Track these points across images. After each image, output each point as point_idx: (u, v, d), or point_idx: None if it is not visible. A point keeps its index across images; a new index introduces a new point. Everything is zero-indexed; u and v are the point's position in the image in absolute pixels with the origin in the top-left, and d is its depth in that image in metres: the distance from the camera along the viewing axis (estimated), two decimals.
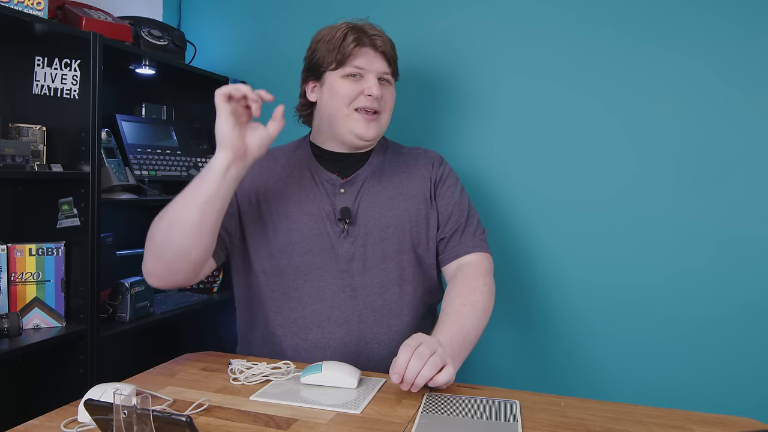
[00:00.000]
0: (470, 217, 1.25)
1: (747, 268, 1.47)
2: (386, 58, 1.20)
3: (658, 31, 1.52)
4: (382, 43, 1.19)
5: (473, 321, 1.08)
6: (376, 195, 1.21)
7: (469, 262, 1.20)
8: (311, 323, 1.15)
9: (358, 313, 1.14)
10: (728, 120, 1.48)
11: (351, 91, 1.17)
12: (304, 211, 1.18)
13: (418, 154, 1.30)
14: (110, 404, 0.62)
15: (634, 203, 1.55)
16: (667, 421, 0.83)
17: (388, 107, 1.22)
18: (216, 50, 1.97)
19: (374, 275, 1.16)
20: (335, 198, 1.19)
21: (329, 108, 1.20)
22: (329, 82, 1.19)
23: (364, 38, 1.18)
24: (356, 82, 1.18)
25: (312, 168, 1.23)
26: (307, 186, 1.21)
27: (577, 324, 1.62)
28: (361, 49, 1.17)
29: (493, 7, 1.66)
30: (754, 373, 1.47)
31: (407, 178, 1.24)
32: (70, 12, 1.46)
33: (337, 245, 1.16)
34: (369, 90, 1.16)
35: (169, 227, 1.03)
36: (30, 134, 1.38)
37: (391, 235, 1.18)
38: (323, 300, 1.15)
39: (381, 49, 1.19)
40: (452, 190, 1.25)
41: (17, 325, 1.27)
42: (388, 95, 1.21)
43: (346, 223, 1.17)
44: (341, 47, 1.17)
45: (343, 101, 1.18)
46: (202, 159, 1.84)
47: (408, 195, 1.22)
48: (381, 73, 1.19)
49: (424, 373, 0.89)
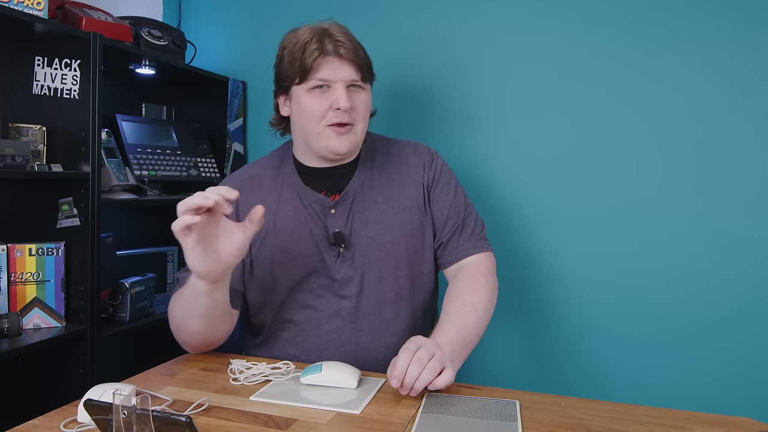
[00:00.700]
0: (467, 216, 1.21)
1: (747, 268, 1.47)
2: (354, 64, 1.11)
3: (658, 31, 1.52)
4: (347, 50, 1.10)
5: (474, 321, 1.07)
6: (368, 212, 1.16)
7: (469, 263, 1.18)
8: (310, 348, 1.15)
9: (356, 336, 1.14)
10: (727, 120, 1.48)
11: (319, 107, 1.10)
12: (299, 239, 1.14)
13: (408, 154, 1.23)
14: (110, 404, 0.61)
15: (634, 203, 1.55)
16: (667, 421, 0.83)
17: (362, 116, 1.14)
18: (216, 50, 1.97)
19: (370, 296, 1.15)
20: (327, 220, 1.15)
21: (300, 125, 1.15)
22: (296, 97, 1.13)
23: (327, 45, 1.09)
24: (323, 95, 1.10)
25: (299, 190, 1.17)
26: (296, 211, 1.16)
27: (577, 324, 1.62)
28: (325, 58, 1.09)
29: (492, 9, 1.66)
30: (754, 373, 1.47)
31: (398, 187, 1.19)
32: (70, 12, 1.46)
33: (334, 271, 1.14)
34: (337, 103, 1.09)
35: (184, 324, 1.05)
36: (30, 134, 1.38)
37: (386, 254, 1.15)
38: (321, 325, 1.14)
39: (346, 56, 1.10)
40: (446, 191, 1.21)
41: (17, 325, 1.27)
42: (359, 103, 1.13)
43: (340, 247, 1.14)
44: (302, 59, 1.09)
45: (312, 119, 1.11)
46: (202, 159, 1.84)
47: (401, 207, 1.18)
48: (349, 81, 1.11)
49: (423, 378, 0.88)
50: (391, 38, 1.74)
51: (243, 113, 1.94)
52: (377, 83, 1.23)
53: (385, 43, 1.73)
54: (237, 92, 1.91)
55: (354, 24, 1.17)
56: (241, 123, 1.93)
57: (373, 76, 1.19)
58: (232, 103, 1.90)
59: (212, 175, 1.84)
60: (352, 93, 1.12)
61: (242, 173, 1.24)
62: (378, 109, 1.27)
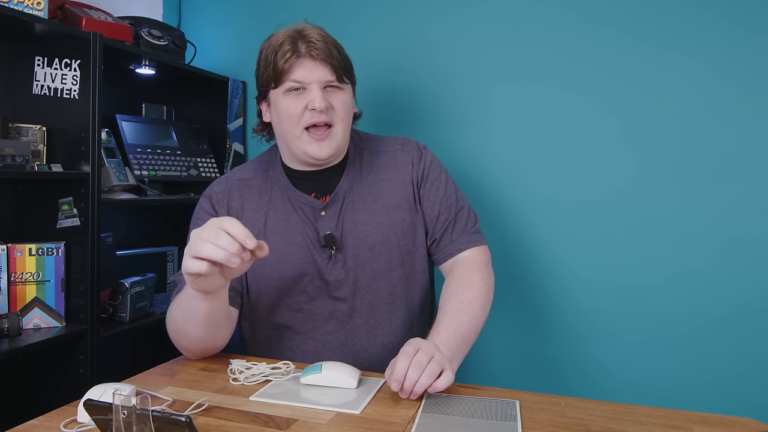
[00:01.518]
0: (459, 210, 1.20)
1: (747, 267, 1.47)
2: (327, 65, 1.09)
3: (658, 31, 1.52)
4: (319, 50, 1.08)
5: (471, 318, 1.07)
6: (358, 212, 1.16)
7: (464, 258, 1.17)
8: (306, 351, 1.15)
9: (352, 336, 1.14)
10: (727, 120, 1.48)
11: (295, 108, 1.09)
12: (290, 242, 1.14)
13: (396, 151, 1.21)
14: (110, 404, 0.61)
15: (634, 203, 1.55)
16: (667, 421, 0.83)
17: (341, 116, 1.12)
18: (216, 50, 1.97)
19: (364, 296, 1.15)
20: (317, 222, 1.14)
21: (280, 129, 1.14)
22: (274, 101, 1.13)
23: (300, 47, 1.08)
24: (299, 97, 1.09)
25: (288, 193, 1.17)
26: (287, 214, 1.16)
27: (577, 324, 1.62)
28: (298, 59, 1.08)
29: (488, 9, 1.66)
30: (754, 372, 1.47)
31: (388, 186, 1.18)
32: (70, 12, 1.46)
33: (326, 273, 1.14)
34: (312, 104, 1.08)
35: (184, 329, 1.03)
36: (30, 134, 1.38)
37: (378, 254, 1.15)
38: (317, 328, 1.14)
39: (319, 57, 1.08)
40: (436, 186, 1.19)
41: (17, 325, 1.27)
42: (337, 103, 1.11)
43: (332, 249, 1.14)
44: (275, 62, 1.09)
45: (290, 122, 1.10)
46: (202, 159, 1.84)
47: (391, 206, 1.17)
48: (324, 82, 1.09)
49: (422, 382, 0.88)
50: (389, 41, 1.74)
51: (243, 113, 1.94)
52: (373, 84, 1.22)
53: (382, 43, 1.73)
54: (237, 92, 1.91)
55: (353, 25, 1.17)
56: (241, 123, 1.93)
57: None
58: (232, 103, 1.90)
59: (212, 175, 1.84)
60: (329, 93, 1.11)
61: (232, 175, 1.23)
62: (371, 110, 1.25)
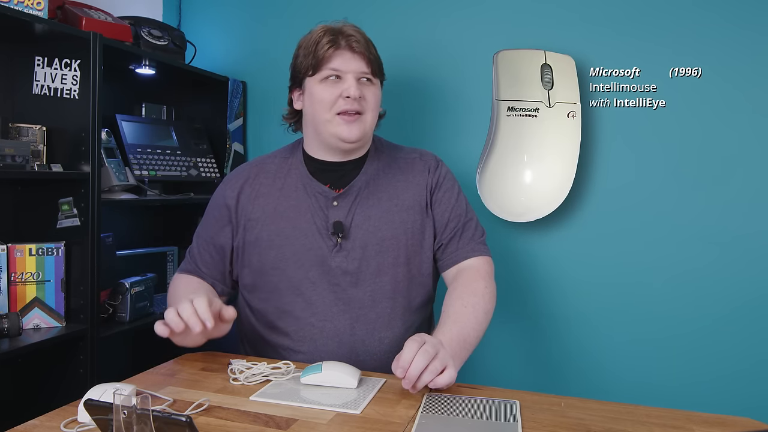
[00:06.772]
0: (468, 221, 1.23)
1: (747, 267, 1.47)
2: (364, 58, 1.16)
3: (658, 30, 1.52)
4: (358, 43, 1.15)
5: (474, 323, 1.07)
6: (371, 207, 1.19)
7: (469, 266, 1.19)
8: (304, 337, 1.15)
9: (350, 327, 1.14)
10: (727, 120, 1.48)
11: (330, 95, 1.15)
12: (297, 226, 1.17)
13: (414, 158, 1.26)
14: (110, 404, 0.62)
15: (634, 203, 1.55)
16: (667, 421, 0.83)
17: (371, 107, 1.18)
18: (216, 50, 1.97)
19: (366, 288, 1.16)
20: (328, 211, 1.17)
21: (312, 114, 1.19)
22: (309, 88, 1.18)
23: (340, 40, 1.15)
24: (335, 85, 1.15)
25: (304, 179, 1.21)
26: (299, 199, 1.19)
27: (577, 324, 1.62)
28: (337, 51, 1.15)
29: (488, 9, 1.66)
30: (753, 372, 1.47)
31: (403, 188, 1.22)
32: (70, 12, 1.46)
33: (329, 259, 1.15)
34: (347, 92, 1.13)
35: None
36: (30, 134, 1.38)
37: (387, 249, 1.17)
38: (315, 314, 1.15)
39: (358, 50, 1.15)
40: (448, 195, 1.23)
41: (17, 325, 1.27)
42: (369, 95, 1.17)
43: (338, 237, 1.16)
44: (316, 51, 1.15)
45: (323, 106, 1.15)
46: (202, 159, 1.84)
47: (404, 207, 1.20)
48: (360, 74, 1.16)
49: (425, 378, 0.89)
50: (388, 41, 1.74)
51: (243, 113, 1.94)
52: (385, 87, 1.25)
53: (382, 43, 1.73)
54: (237, 92, 1.91)
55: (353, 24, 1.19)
56: (241, 123, 1.93)
57: (383, 74, 1.23)
58: (232, 103, 1.90)
59: (212, 175, 1.84)
60: (363, 85, 1.17)
61: (252, 162, 1.30)
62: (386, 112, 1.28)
